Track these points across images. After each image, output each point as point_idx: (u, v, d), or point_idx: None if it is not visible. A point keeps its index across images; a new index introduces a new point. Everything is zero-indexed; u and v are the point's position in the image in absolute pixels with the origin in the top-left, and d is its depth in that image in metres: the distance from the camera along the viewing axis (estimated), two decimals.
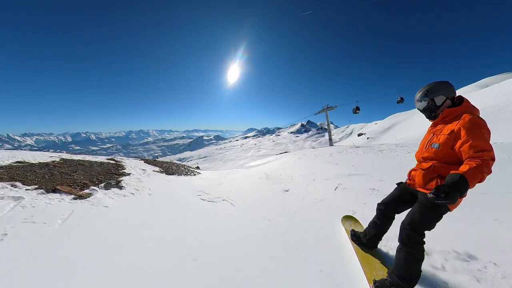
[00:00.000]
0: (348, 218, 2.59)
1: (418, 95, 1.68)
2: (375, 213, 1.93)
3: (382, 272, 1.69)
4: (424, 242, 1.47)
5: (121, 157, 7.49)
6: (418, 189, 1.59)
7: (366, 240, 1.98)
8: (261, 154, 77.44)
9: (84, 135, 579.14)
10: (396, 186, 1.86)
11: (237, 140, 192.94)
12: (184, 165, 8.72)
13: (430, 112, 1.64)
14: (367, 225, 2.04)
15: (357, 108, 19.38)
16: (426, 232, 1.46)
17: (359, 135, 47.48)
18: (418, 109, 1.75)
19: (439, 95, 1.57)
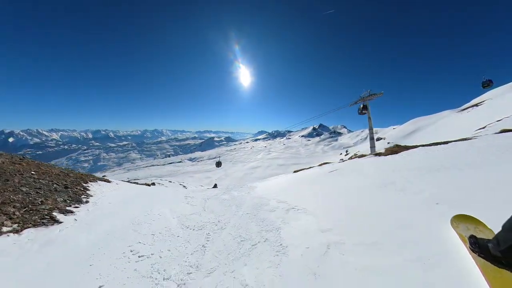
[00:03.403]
0: (463, 219, 1.77)
1: None
2: None
3: None
4: None
5: None
6: None
7: (499, 252, 1.23)
8: (271, 157, 76.47)
9: (103, 132, 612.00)
10: None
11: (247, 142, 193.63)
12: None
13: None
14: (500, 229, 1.25)
15: (364, 107, 16.66)
16: None
17: (378, 139, 45.12)
18: None
19: None
